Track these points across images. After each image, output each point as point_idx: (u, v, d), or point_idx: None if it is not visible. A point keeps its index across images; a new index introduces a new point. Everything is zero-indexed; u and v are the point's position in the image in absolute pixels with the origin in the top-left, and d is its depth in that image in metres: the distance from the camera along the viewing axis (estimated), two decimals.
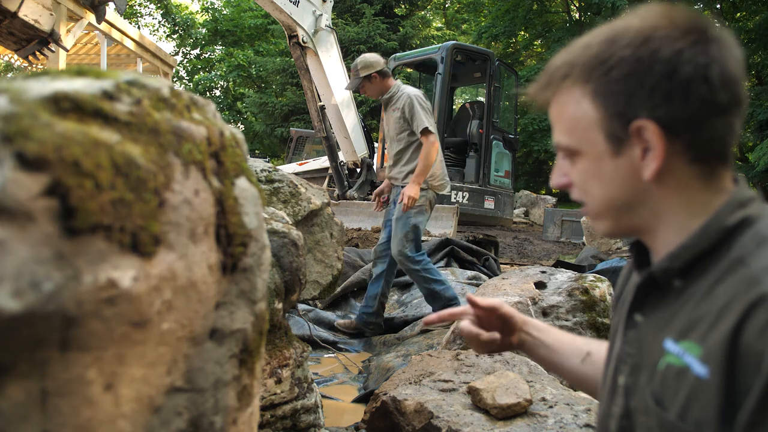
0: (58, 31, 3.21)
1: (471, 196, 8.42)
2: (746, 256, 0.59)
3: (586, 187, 0.70)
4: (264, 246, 0.66)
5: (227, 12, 24.54)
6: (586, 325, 2.34)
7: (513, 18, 18.11)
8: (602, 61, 0.66)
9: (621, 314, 0.77)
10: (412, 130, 3.42)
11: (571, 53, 0.69)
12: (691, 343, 0.60)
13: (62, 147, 0.43)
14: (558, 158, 0.74)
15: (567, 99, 0.69)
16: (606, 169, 0.67)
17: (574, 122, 0.68)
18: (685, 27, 0.63)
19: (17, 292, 0.40)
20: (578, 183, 0.71)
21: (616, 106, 0.65)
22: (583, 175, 0.70)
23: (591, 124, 0.67)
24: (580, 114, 0.68)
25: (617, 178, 0.67)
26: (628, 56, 0.64)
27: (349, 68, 4.31)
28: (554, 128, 0.72)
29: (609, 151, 0.67)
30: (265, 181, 2.18)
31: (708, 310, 0.60)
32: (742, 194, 0.66)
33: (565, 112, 0.69)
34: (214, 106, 0.66)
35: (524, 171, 20.06)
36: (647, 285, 0.70)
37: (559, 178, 0.74)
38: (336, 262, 2.41)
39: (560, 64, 0.70)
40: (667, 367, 0.62)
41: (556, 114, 0.71)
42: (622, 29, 0.65)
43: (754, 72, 16.16)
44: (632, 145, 0.65)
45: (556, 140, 0.72)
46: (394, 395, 1.79)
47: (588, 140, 0.68)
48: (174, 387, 0.55)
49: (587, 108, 0.67)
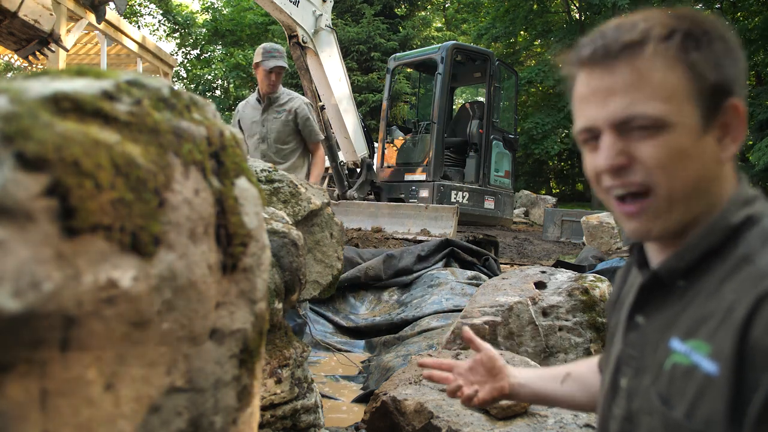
0: (58, 31, 3.21)
1: (471, 196, 8.42)
2: (753, 253, 0.59)
3: (670, 166, 0.62)
4: (264, 246, 0.66)
5: (227, 12, 24.53)
6: (586, 325, 2.34)
7: (513, 19, 18.11)
8: (705, 32, 0.63)
9: (620, 316, 0.76)
10: (302, 137, 3.48)
11: (644, 22, 0.63)
12: (699, 341, 0.60)
13: (62, 147, 0.43)
14: (609, 137, 0.64)
15: (650, 66, 0.62)
16: (697, 147, 0.62)
17: (670, 90, 0.61)
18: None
19: (17, 292, 0.40)
20: (656, 161, 0.62)
21: (719, 79, 0.62)
22: (669, 150, 0.61)
23: (687, 96, 0.62)
24: (673, 82, 0.62)
25: (704, 157, 0.63)
26: (726, 36, 0.63)
27: (349, 69, 4.33)
28: (632, 96, 0.62)
29: (700, 127, 0.62)
30: (265, 181, 2.18)
31: (716, 308, 0.59)
32: (746, 192, 0.66)
33: (654, 79, 0.62)
34: (214, 106, 0.66)
35: (524, 171, 20.06)
36: (650, 285, 0.70)
37: (615, 158, 0.64)
38: (336, 262, 2.41)
39: (636, 31, 0.63)
40: (673, 366, 0.62)
41: (633, 80, 0.62)
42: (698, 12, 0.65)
43: (754, 72, 16.16)
44: (717, 124, 0.63)
45: (633, 110, 0.62)
46: (394, 395, 1.79)
47: (683, 112, 0.62)
48: (174, 387, 0.55)
49: (680, 79, 0.62)
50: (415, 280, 4.12)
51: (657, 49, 0.62)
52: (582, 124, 0.67)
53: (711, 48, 0.62)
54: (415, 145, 8.83)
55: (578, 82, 0.68)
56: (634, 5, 14.83)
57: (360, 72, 15.04)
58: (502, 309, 2.34)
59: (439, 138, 8.22)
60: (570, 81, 0.70)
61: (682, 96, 0.62)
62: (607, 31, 0.65)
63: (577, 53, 0.67)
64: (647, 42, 0.62)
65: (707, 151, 0.63)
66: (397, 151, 9.00)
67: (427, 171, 8.26)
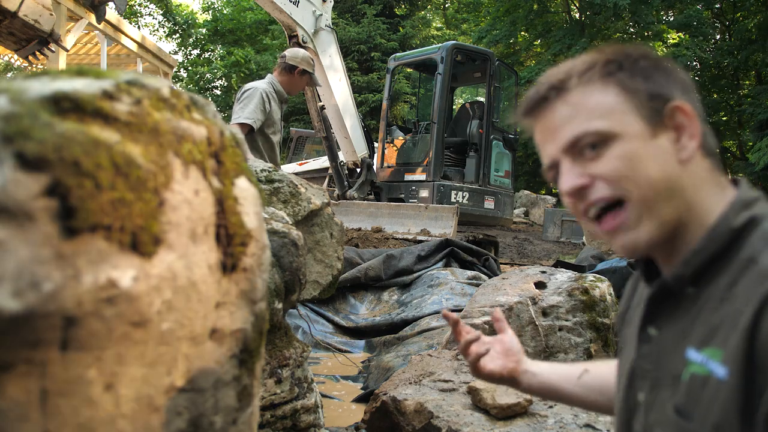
0: (58, 31, 3.21)
1: (471, 196, 8.42)
2: (757, 254, 0.59)
3: (629, 172, 0.65)
4: (264, 246, 0.66)
5: (228, 11, 24.52)
6: (586, 325, 2.34)
7: (513, 20, 18.09)
8: (626, 56, 0.68)
9: (631, 329, 0.76)
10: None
11: (566, 66, 0.70)
12: (713, 349, 0.59)
13: (62, 147, 0.43)
14: (566, 162, 0.69)
15: (585, 94, 0.68)
16: (649, 149, 0.65)
17: (606, 108, 0.67)
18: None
19: (17, 292, 0.40)
20: (614, 171, 0.65)
21: (652, 89, 0.67)
22: (623, 160, 0.65)
23: (624, 109, 0.66)
24: (609, 101, 0.67)
25: (660, 158, 0.65)
26: (650, 54, 0.68)
27: (349, 69, 4.40)
28: (573, 122, 0.67)
29: (648, 132, 0.66)
30: (265, 181, 2.18)
31: (727, 313, 0.59)
32: (747, 195, 0.66)
33: (588, 104, 0.67)
34: (214, 106, 0.66)
35: (524, 171, 20.04)
36: (659, 296, 0.69)
37: (576, 179, 0.68)
38: (336, 262, 2.41)
39: (560, 73, 0.70)
40: (691, 377, 0.61)
41: (570, 111, 0.68)
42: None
43: (754, 72, 16.16)
44: (666, 127, 0.66)
45: (577, 130, 0.67)
46: (394, 395, 1.79)
47: (624, 122, 0.66)
48: (174, 387, 0.55)
49: (614, 98, 0.67)
50: (415, 280, 4.12)
51: (580, 80, 0.68)
52: (546, 162, 0.73)
53: (636, 66, 0.68)
54: (415, 145, 8.83)
55: (534, 132, 0.74)
56: (635, 5, 14.83)
57: (360, 72, 15.04)
58: (502, 309, 2.34)
59: (439, 138, 8.22)
60: (530, 134, 0.76)
61: (619, 110, 0.67)
62: (539, 83, 0.72)
63: (522, 109, 0.74)
64: (570, 78, 0.69)
65: (663, 152, 0.66)
66: (397, 151, 9.00)
67: (427, 171, 8.26)
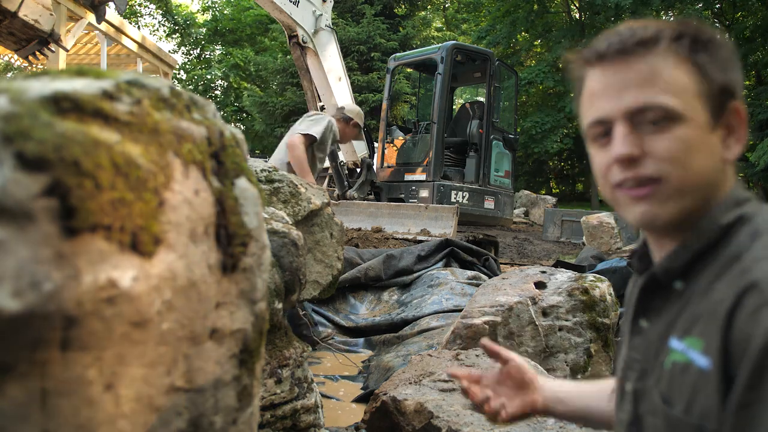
0: (58, 31, 3.21)
1: (471, 196, 8.42)
2: (742, 251, 0.61)
3: (683, 158, 0.63)
4: (264, 246, 0.66)
5: (228, 11, 24.52)
6: (586, 325, 2.34)
7: (513, 20, 18.09)
8: (710, 38, 0.66)
9: (627, 322, 0.77)
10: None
11: (654, 25, 0.66)
12: (693, 338, 0.61)
13: (62, 147, 0.43)
14: (623, 127, 0.65)
15: (663, 62, 0.65)
16: (706, 141, 0.65)
17: (681, 86, 0.64)
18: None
19: (17, 292, 0.40)
20: (669, 153, 0.64)
21: (726, 81, 0.66)
22: (681, 143, 0.63)
23: (696, 94, 0.65)
24: (684, 80, 0.65)
25: (712, 154, 0.65)
26: (727, 44, 0.67)
27: (349, 69, 4.47)
28: (646, 89, 0.64)
29: (709, 124, 0.65)
30: (265, 181, 2.18)
31: (707, 305, 0.61)
32: (738, 194, 0.67)
33: (666, 75, 0.64)
34: (214, 106, 0.66)
35: (524, 171, 20.05)
36: (649, 287, 0.71)
37: (632, 148, 0.65)
38: (336, 262, 2.41)
39: (649, 30, 0.66)
40: (673, 364, 0.63)
41: (647, 75, 0.65)
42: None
43: (754, 72, 16.16)
44: (722, 124, 0.66)
45: (649, 100, 0.64)
46: (394, 395, 1.79)
47: (693, 107, 0.64)
48: (174, 387, 0.55)
49: (690, 78, 0.65)
50: (415, 280, 4.12)
51: (669, 47, 0.65)
52: (594, 115, 0.68)
53: (717, 52, 0.66)
54: (415, 145, 8.83)
55: (589, 80, 0.69)
56: (635, 5, 14.83)
57: (360, 72, 15.03)
58: (502, 309, 2.34)
59: (439, 138, 8.22)
60: (578, 81, 0.71)
61: (691, 93, 0.64)
62: (621, 30, 0.67)
63: (592, 50, 0.69)
64: (660, 40, 0.65)
65: (714, 149, 0.66)
66: (397, 151, 9.00)
67: (427, 171, 8.26)
